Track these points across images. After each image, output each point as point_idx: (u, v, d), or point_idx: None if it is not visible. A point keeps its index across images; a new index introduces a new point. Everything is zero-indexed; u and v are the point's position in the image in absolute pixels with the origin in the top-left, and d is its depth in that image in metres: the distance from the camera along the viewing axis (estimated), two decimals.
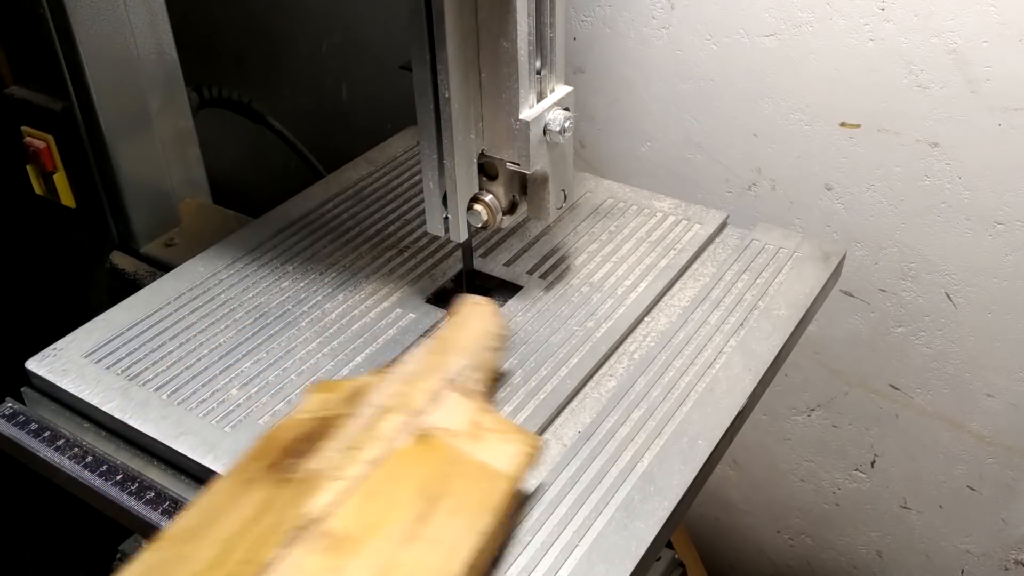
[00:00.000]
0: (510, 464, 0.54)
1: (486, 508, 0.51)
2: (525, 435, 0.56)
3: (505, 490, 0.53)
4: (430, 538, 0.48)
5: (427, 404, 0.55)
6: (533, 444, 0.56)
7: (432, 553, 0.48)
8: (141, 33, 0.92)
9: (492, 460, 0.53)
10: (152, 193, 0.98)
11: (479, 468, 0.53)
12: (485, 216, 0.70)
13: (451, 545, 0.48)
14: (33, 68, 0.93)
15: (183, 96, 1.00)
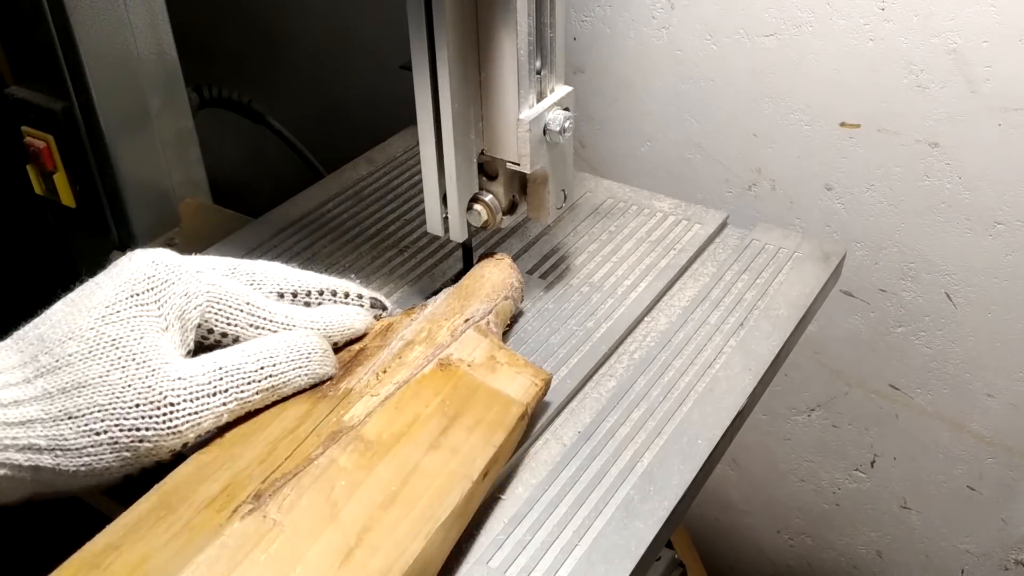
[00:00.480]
0: (521, 393, 0.60)
1: (499, 426, 0.57)
2: (536, 370, 0.63)
3: (516, 414, 0.59)
4: (450, 447, 0.55)
5: (448, 339, 0.62)
6: (543, 378, 0.62)
7: (451, 460, 0.54)
8: (141, 33, 0.92)
9: (505, 388, 0.60)
10: (152, 193, 0.98)
11: (493, 394, 0.59)
12: (485, 216, 0.70)
13: (468, 454, 0.55)
14: (33, 68, 0.93)
15: (183, 96, 1.00)
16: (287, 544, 0.47)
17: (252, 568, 0.45)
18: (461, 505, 0.53)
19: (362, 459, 0.52)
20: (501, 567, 0.54)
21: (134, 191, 0.96)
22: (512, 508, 0.58)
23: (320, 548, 0.47)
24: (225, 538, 0.46)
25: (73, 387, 0.50)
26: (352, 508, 0.49)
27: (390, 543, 0.48)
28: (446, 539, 0.52)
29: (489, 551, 0.55)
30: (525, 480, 0.60)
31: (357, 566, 0.47)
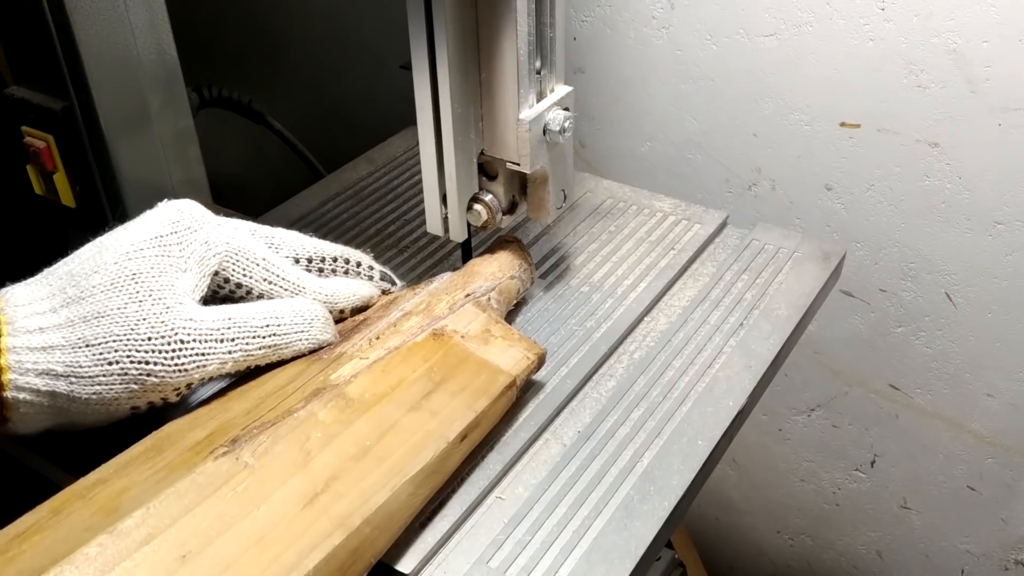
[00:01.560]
0: (511, 365, 0.62)
1: (483, 394, 0.59)
2: (530, 344, 0.64)
3: (502, 383, 0.60)
4: (430, 409, 0.57)
5: (446, 311, 0.64)
6: (536, 352, 0.64)
7: (430, 421, 0.56)
8: (141, 33, 0.92)
9: (496, 360, 0.62)
10: (152, 193, 0.98)
11: (482, 364, 0.61)
12: (485, 216, 0.70)
13: (448, 416, 0.57)
14: (33, 68, 0.93)
15: (183, 96, 1.00)
16: (255, 485, 0.49)
17: (218, 503, 0.48)
18: (434, 463, 0.54)
19: (341, 415, 0.54)
20: (501, 567, 0.54)
21: (134, 191, 0.96)
22: (512, 508, 0.58)
23: (287, 491, 0.49)
24: (196, 475, 0.49)
25: (93, 316, 0.53)
26: (324, 458, 0.52)
27: (355, 491, 0.51)
28: (414, 494, 0.54)
29: (489, 551, 0.55)
30: (525, 480, 0.60)
31: (320, 509, 0.49)
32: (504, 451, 0.61)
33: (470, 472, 0.60)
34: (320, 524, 0.49)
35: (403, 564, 0.54)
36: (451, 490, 0.59)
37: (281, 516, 0.48)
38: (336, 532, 0.49)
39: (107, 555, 0.45)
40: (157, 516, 0.47)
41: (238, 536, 0.47)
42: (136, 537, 0.46)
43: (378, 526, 0.51)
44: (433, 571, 0.55)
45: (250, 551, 0.47)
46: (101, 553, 0.45)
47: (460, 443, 0.57)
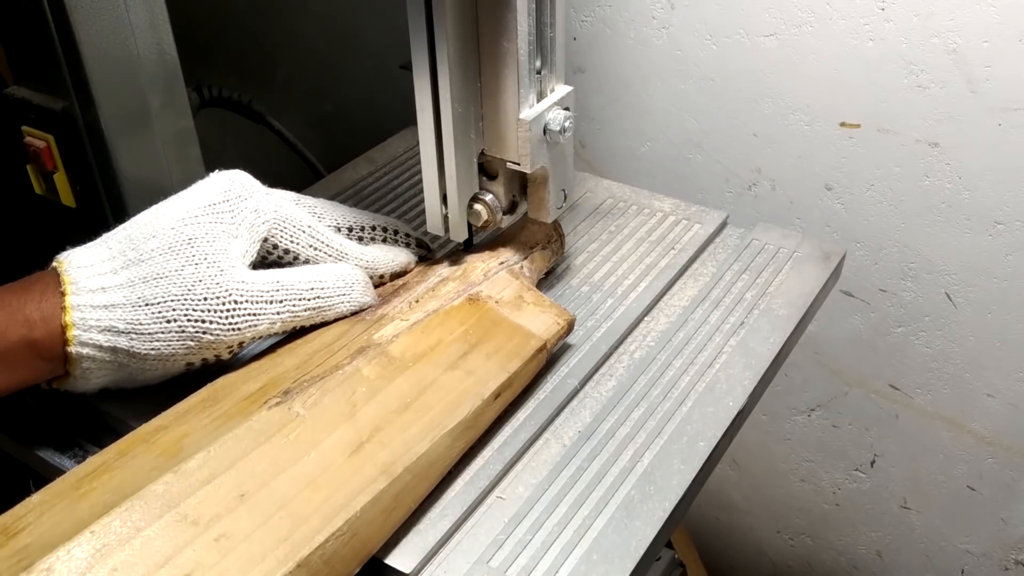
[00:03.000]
0: (542, 329, 0.65)
1: (516, 356, 0.63)
2: (560, 311, 0.68)
3: (534, 347, 0.64)
4: (466, 369, 0.61)
5: (481, 278, 0.68)
6: (566, 319, 0.67)
7: (466, 379, 0.60)
8: (141, 33, 0.92)
9: (528, 324, 0.65)
10: (152, 193, 0.97)
11: (515, 328, 0.65)
12: (485, 216, 0.70)
13: (483, 376, 0.61)
14: (33, 68, 0.93)
15: (183, 96, 1.00)
16: (306, 433, 0.53)
17: (272, 448, 0.52)
18: (469, 419, 0.58)
19: (384, 371, 0.59)
20: (501, 567, 0.54)
21: (134, 191, 0.96)
22: (512, 508, 0.58)
23: (335, 440, 0.54)
24: (252, 422, 0.53)
25: (152, 278, 0.57)
26: (369, 410, 0.56)
27: (398, 442, 0.55)
28: (452, 447, 0.58)
29: (489, 551, 0.55)
30: (525, 480, 0.60)
31: (365, 457, 0.53)
32: (504, 451, 0.61)
33: (471, 472, 0.60)
34: (366, 470, 0.53)
35: (403, 564, 0.54)
36: (451, 490, 0.59)
37: (330, 462, 0.52)
38: (380, 478, 0.53)
39: (172, 492, 0.49)
40: (217, 459, 0.51)
41: (291, 479, 0.51)
42: (198, 477, 0.50)
43: (418, 474, 0.55)
44: (434, 571, 0.55)
45: (302, 493, 0.51)
46: (167, 490, 0.49)
47: (494, 401, 0.61)
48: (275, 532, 0.49)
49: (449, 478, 0.59)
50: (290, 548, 0.48)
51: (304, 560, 0.48)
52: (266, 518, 0.49)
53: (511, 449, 0.62)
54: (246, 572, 0.47)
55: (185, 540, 0.47)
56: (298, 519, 0.50)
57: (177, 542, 0.47)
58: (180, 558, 0.46)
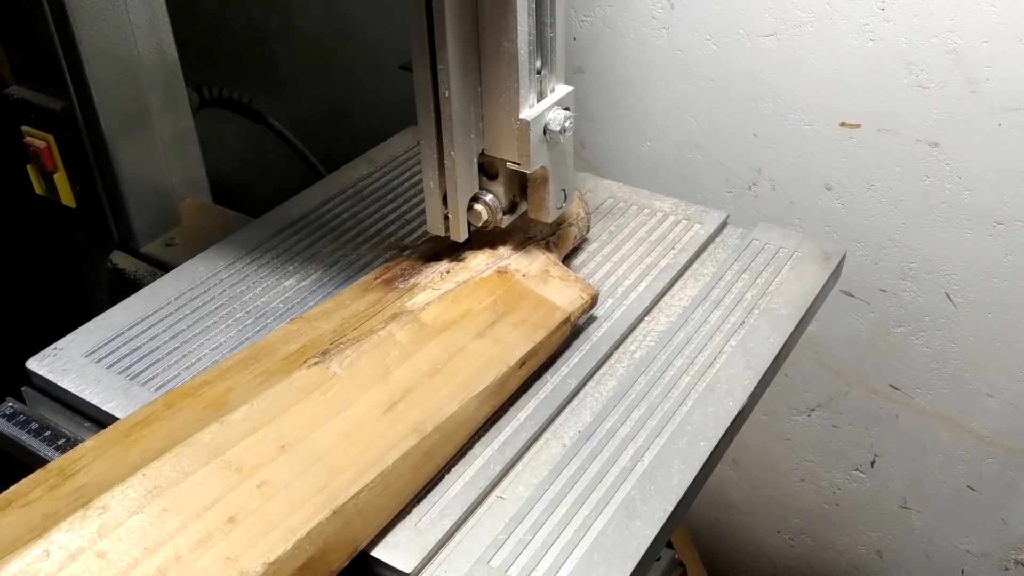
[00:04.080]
0: (567, 303, 0.68)
1: (541, 327, 0.66)
2: (584, 285, 0.70)
3: (558, 319, 0.67)
4: (494, 337, 0.64)
5: (509, 252, 0.71)
6: (590, 293, 0.70)
7: (493, 347, 0.63)
8: (141, 33, 0.92)
9: (553, 297, 0.68)
10: (152, 193, 0.98)
11: (541, 300, 0.68)
12: (485, 216, 0.70)
13: (509, 345, 0.64)
14: (33, 68, 0.93)
15: (183, 96, 1.00)
16: (343, 391, 0.57)
17: (311, 404, 0.55)
18: (496, 384, 0.62)
19: (416, 336, 0.62)
20: (502, 567, 0.54)
21: (134, 191, 0.96)
22: (513, 508, 0.58)
23: (369, 398, 0.57)
24: (292, 380, 0.57)
25: None
26: (401, 372, 0.59)
27: (428, 402, 0.58)
28: (478, 410, 0.61)
29: (490, 551, 0.55)
30: (526, 480, 0.60)
31: (396, 416, 0.57)
32: (505, 451, 0.61)
33: (471, 472, 0.60)
34: (398, 428, 0.56)
35: (404, 563, 0.54)
36: (452, 490, 0.59)
37: (364, 419, 0.56)
38: (411, 435, 0.56)
39: (218, 441, 0.52)
40: (259, 412, 0.54)
41: (328, 433, 0.54)
42: (242, 428, 0.53)
43: (447, 433, 0.58)
44: (434, 570, 0.55)
45: (338, 446, 0.54)
46: (213, 439, 0.52)
47: (519, 368, 0.64)
48: (313, 481, 0.52)
49: (449, 478, 0.60)
50: (327, 496, 0.52)
51: (340, 508, 0.51)
52: (305, 468, 0.52)
53: (511, 449, 0.62)
54: (286, 517, 0.50)
55: (230, 485, 0.50)
56: (334, 470, 0.53)
57: (222, 487, 0.50)
58: (225, 501, 0.50)
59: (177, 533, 0.48)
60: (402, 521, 0.57)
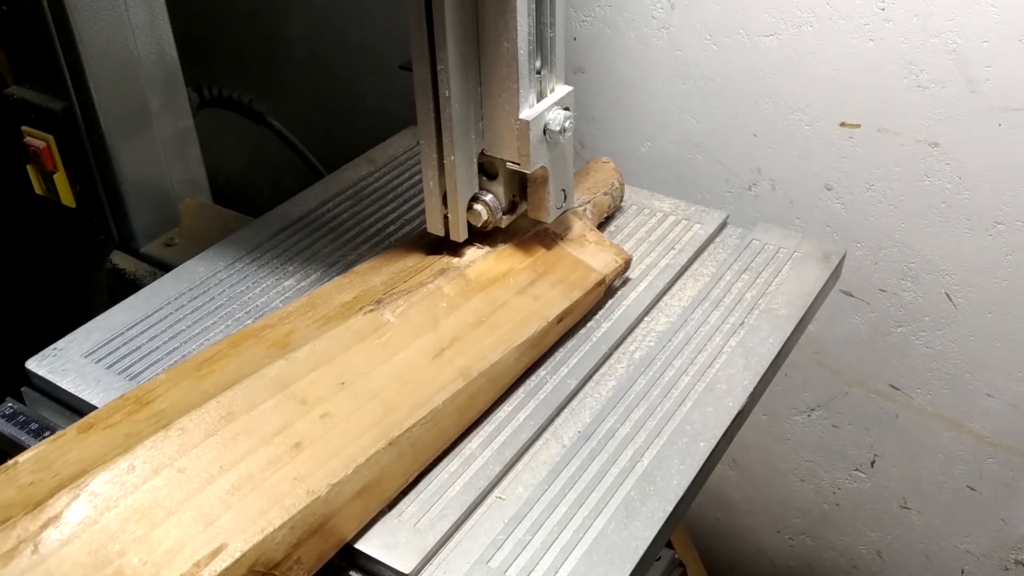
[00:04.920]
0: (602, 265, 0.73)
1: (577, 286, 0.70)
2: (619, 250, 0.75)
3: (594, 280, 0.71)
4: (534, 294, 0.68)
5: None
6: (624, 257, 0.75)
7: (533, 303, 0.68)
8: (141, 33, 0.92)
9: (589, 260, 0.73)
10: (152, 193, 0.98)
11: (578, 262, 0.72)
12: (485, 216, 0.70)
13: (548, 301, 0.68)
14: (33, 68, 0.93)
15: (183, 96, 1.00)
16: (395, 337, 0.62)
17: (366, 348, 0.60)
18: (535, 337, 0.66)
19: (462, 291, 0.67)
20: (501, 567, 0.54)
21: (134, 191, 0.96)
22: (512, 508, 0.58)
23: (420, 345, 0.62)
24: (349, 324, 0.62)
25: None
26: (449, 322, 0.64)
27: (474, 351, 0.63)
28: (519, 360, 0.65)
29: (489, 551, 0.55)
30: (525, 480, 0.60)
31: (444, 361, 0.61)
32: (504, 451, 0.61)
33: (471, 472, 0.60)
34: (446, 372, 0.61)
35: (403, 564, 0.54)
36: (451, 490, 0.59)
37: (415, 363, 0.61)
38: (458, 379, 0.61)
39: (284, 375, 0.57)
40: (320, 351, 0.59)
41: (383, 374, 0.59)
42: (305, 365, 0.58)
43: (490, 380, 0.63)
44: (433, 571, 0.55)
45: (392, 386, 0.59)
46: (279, 374, 0.57)
47: (557, 324, 0.68)
48: (370, 415, 0.57)
49: (449, 478, 0.60)
50: (383, 429, 0.56)
51: (395, 440, 0.56)
52: (362, 403, 0.57)
53: (511, 449, 0.62)
54: (346, 446, 0.55)
55: (295, 415, 0.55)
56: (389, 407, 0.58)
57: (288, 416, 0.55)
58: (291, 429, 0.54)
59: (249, 455, 0.52)
60: (402, 521, 0.57)
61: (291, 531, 0.51)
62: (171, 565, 0.47)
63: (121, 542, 0.47)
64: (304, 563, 0.52)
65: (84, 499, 0.48)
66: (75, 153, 0.94)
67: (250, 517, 0.50)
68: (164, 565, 0.47)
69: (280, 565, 0.51)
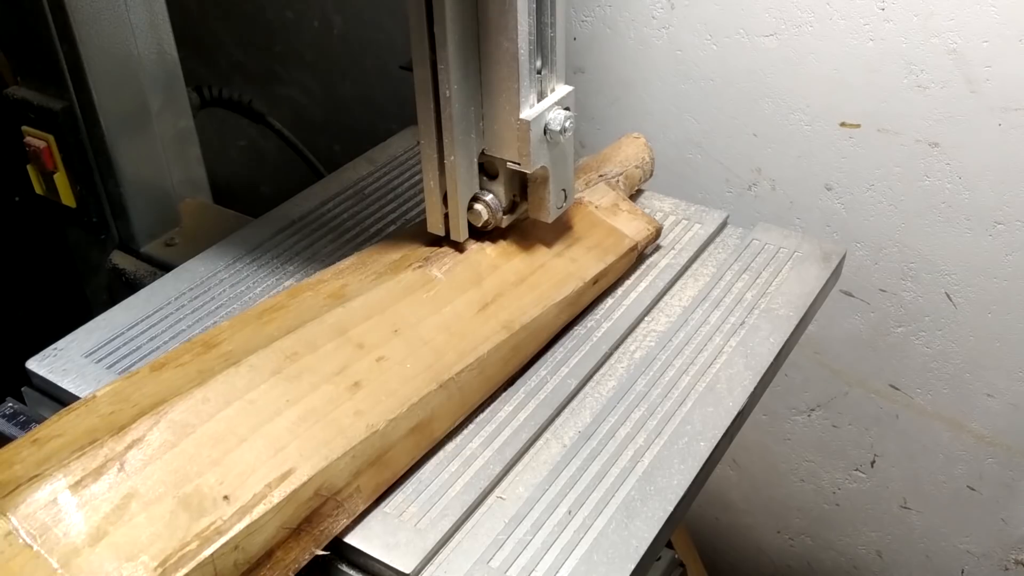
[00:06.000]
0: (634, 232, 0.77)
1: (611, 251, 0.74)
2: (650, 219, 0.79)
3: (627, 246, 0.75)
4: (571, 257, 0.73)
5: (583, 187, 0.79)
6: (655, 226, 0.78)
7: (570, 265, 0.72)
8: (141, 33, 0.92)
9: (622, 227, 0.76)
10: (152, 193, 0.98)
11: (611, 229, 0.76)
12: (486, 215, 0.70)
13: (584, 264, 0.72)
14: (33, 68, 0.93)
15: (183, 96, 1.00)
16: (443, 291, 0.66)
17: (416, 300, 0.65)
18: (572, 296, 0.70)
19: (503, 252, 0.71)
20: (502, 567, 0.54)
21: (134, 191, 0.96)
22: (513, 508, 0.58)
23: (465, 299, 0.66)
24: (400, 279, 0.66)
25: None
26: (491, 280, 0.68)
27: (515, 306, 0.67)
28: (557, 317, 0.69)
29: (490, 551, 0.55)
30: (525, 480, 0.60)
31: (488, 315, 0.66)
32: (505, 451, 0.61)
33: (471, 472, 0.60)
34: (490, 324, 0.65)
35: (404, 564, 0.54)
36: (452, 490, 0.59)
37: (461, 315, 0.65)
38: (501, 331, 0.65)
39: (342, 322, 0.61)
40: (374, 303, 0.63)
41: (432, 325, 0.64)
42: (361, 313, 0.62)
43: (531, 333, 0.67)
44: (434, 571, 0.55)
45: (441, 335, 0.63)
46: (337, 320, 0.61)
47: (592, 285, 0.72)
48: (422, 360, 0.61)
49: (450, 478, 0.60)
50: (434, 373, 0.61)
51: (444, 383, 0.60)
52: (414, 349, 0.61)
53: (511, 449, 0.62)
54: (401, 387, 0.59)
55: (353, 358, 0.60)
56: (439, 354, 0.62)
57: (347, 358, 0.59)
58: (350, 370, 0.59)
59: (312, 391, 0.57)
60: (403, 521, 0.57)
61: (352, 460, 0.55)
62: (245, 485, 0.51)
63: (199, 464, 0.51)
64: (362, 492, 0.56)
65: (164, 425, 0.52)
66: (75, 153, 0.94)
67: (315, 446, 0.54)
68: (238, 485, 0.51)
69: (342, 491, 0.55)
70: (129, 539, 0.47)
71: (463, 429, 0.64)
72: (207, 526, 0.49)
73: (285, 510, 0.52)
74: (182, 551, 0.48)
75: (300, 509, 0.53)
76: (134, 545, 0.47)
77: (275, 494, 0.51)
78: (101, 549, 0.46)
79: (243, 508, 0.50)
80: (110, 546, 0.47)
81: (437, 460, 0.61)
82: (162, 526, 0.48)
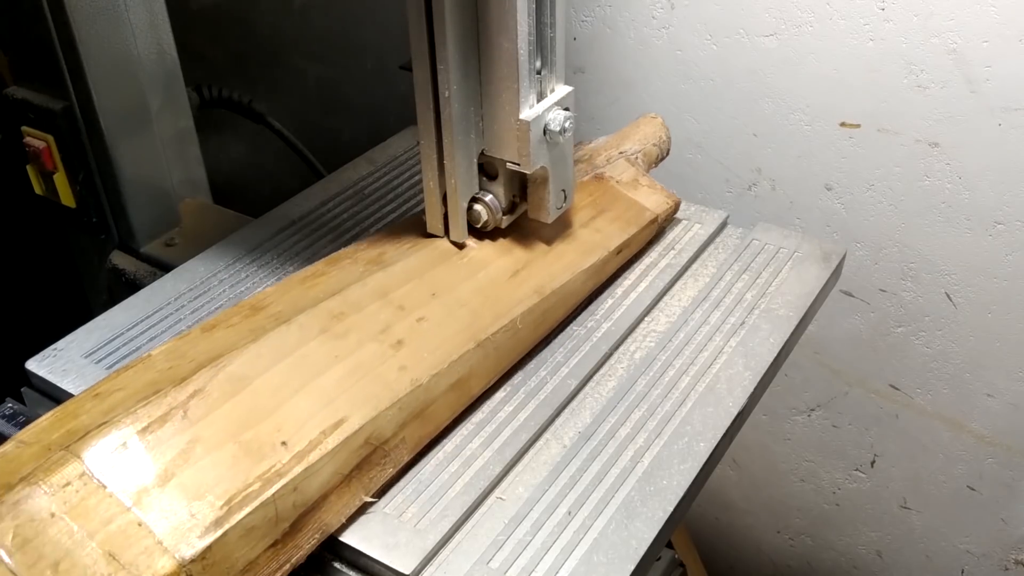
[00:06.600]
0: (654, 205, 0.80)
1: (633, 223, 0.78)
2: (669, 194, 0.82)
3: (648, 218, 0.79)
4: (595, 228, 0.76)
5: (604, 163, 0.83)
6: (674, 200, 0.82)
7: (595, 235, 0.75)
8: (141, 33, 0.92)
9: (642, 201, 0.80)
10: (152, 193, 0.98)
11: (632, 202, 0.80)
12: (485, 216, 0.70)
13: (608, 234, 0.76)
14: (33, 68, 0.93)
15: (183, 96, 1.00)
16: (477, 258, 0.70)
17: (452, 266, 0.69)
18: (598, 264, 0.74)
19: (531, 223, 0.73)
20: (502, 567, 0.54)
21: (134, 191, 0.96)
22: (512, 508, 0.58)
23: (498, 266, 0.70)
24: (435, 246, 0.70)
25: None
26: (521, 249, 0.72)
27: (545, 273, 0.70)
28: (584, 284, 0.73)
29: (490, 551, 0.55)
30: (525, 480, 0.60)
31: (520, 280, 0.69)
32: (504, 451, 0.61)
33: (471, 472, 0.60)
34: (522, 289, 0.68)
35: (403, 564, 0.54)
36: (451, 490, 0.59)
37: (494, 281, 0.68)
38: (533, 295, 0.68)
39: (383, 285, 0.65)
40: (412, 267, 0.67)
41: (467, 289, 0.67)
42: (400, 277, 0.66)
43: (561, 298, 0.70)
44: (434, 571, 0.55)
45: (476, 298, 0.66)
46: (379, 283, 0.65)
47: (616, 255, 0.76)
48: (460, 321, 0.64)
49: (450, 478, 0.60)
50: (471, 333, 0.64)
51: (481, 343, 0.64)
52: (452, 311, 0.65)
53: (511, 449, 0.62)
54: (441, 345, 0.62)
55: (396, 318, 0.63)
56: (475, 315, 0.65)
57: (390, 318, 0.63)
58: (392, 329, 0.62)
59: (358, 348, 0.60)
60: (402, 521, 0.57)
61: (399, 411, 0.58)
62: (300, 432, 0.54)
63: (257, 413, 0.54)
64: (407, 443, 0.59)
65: (222, 376, 0.55)
66: (75, 153, 0.94)
67: (364, 398, 0.57)
68: (295, 432, 0.54)
69: (389, 441, 0.58)
70: (195, 480, 0.50)
71: (463, 429, 0.64)
72: (267, 469, 0.52)
73: (339, 456, 0.55)
74: (246, 491, 0.51)
75: (352, 456, 0.56)
76: (200, 485, 0.50)
77: (329, 441, 0.54)
78: (170, 489, 0.49)
79: (300, 453, 0.53)
80: (178, 486, 0.50)
81: (437, 460, 0.61)
82: (225, 469, 0.51)
